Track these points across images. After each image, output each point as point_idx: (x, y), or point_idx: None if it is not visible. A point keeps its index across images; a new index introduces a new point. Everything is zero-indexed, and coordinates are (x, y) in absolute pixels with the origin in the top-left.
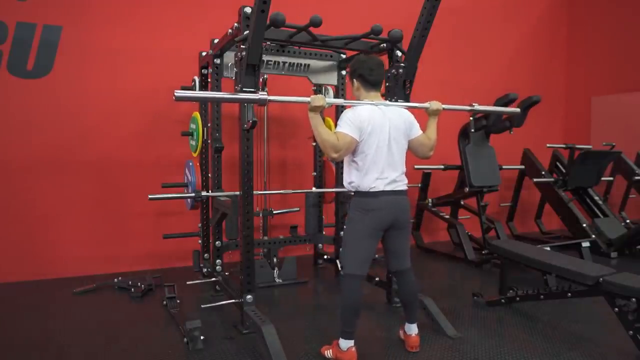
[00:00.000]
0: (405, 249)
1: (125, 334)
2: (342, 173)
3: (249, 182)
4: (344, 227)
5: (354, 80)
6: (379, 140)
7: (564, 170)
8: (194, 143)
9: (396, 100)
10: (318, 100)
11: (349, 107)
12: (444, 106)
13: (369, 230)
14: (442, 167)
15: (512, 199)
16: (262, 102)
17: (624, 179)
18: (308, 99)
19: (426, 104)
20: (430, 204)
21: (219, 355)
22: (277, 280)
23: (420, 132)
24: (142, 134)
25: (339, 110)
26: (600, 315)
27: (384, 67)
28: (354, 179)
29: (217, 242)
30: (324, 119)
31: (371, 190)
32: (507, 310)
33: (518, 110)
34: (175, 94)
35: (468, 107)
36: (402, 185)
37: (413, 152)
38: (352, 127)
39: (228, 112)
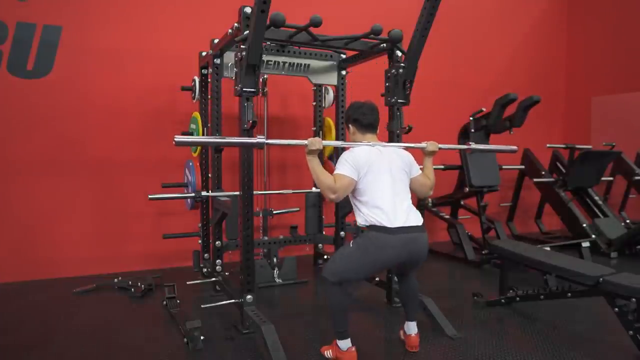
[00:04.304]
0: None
1: (125, 334)
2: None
3: (249, 182)
4: (350, 244)
5: (350, 125)
6: (379, 176)
7: (564, 171)
8: None
9: (396, 101)
10: (315, 143)
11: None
12: (440, 145)
13: (377, 265)
14: (442, 167)
15: (512, 199)
16: (260, 146)
17: (624, 179)
18: (305, 141)
19: (423, 144)
20: (430, 204)
21: (219, 355)
22: (277, 280)
23: (420, 171)
24: (142, 134)
25: (338, 106)
26: (600, 315)
27: (377, 111)
28: (364, 215)
29: (217, 242)
30: (323, 162)
31: (386, 225)
32: (507, 310)
33: (515, 148)
34: (175, 139)
35: (465, 147)
36: (416, 218)
37: (414, 192)
38: (349, 168)
39: (228, 112)
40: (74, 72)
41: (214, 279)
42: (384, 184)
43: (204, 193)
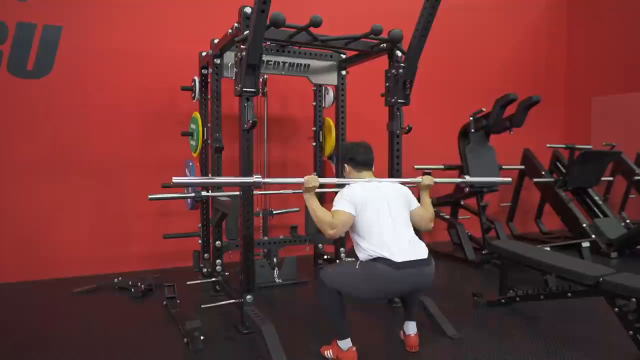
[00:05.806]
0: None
1: (125, 334)
2: (342, 172)
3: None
4: (356, 265)
5: (345, 165)
6: (378, 210)
7: (564, 171)
8: (194, 143)
9: (396, 101)
10: (311, 181)
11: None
12: (436, 180)
13: (380, 295)
14: (442, 167)
15: (512, 199)
16: (257, 185)
17: (624, 179)
18: (302, 179)
19: (418, 179)
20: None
21: (219, 355)
22: (277, 280)
23: (418, 204)
24: (142, 134)
25: (338, 106)
26: (600, 315)
27: (371, 149)
28: (366, 250)
29: (217, 242)
30: (320, 200)
31: (392, 259)
32: (507, 310)
33: (509, 180)
34: (173, 180)
35: (459, 180)
36: (422, 251)
37: (414, 225)
38: (347, 204)
39: (228, 112)
40: (74, 72)
41: (214, 279)
42: (383, 218)
43: (204, 193)
